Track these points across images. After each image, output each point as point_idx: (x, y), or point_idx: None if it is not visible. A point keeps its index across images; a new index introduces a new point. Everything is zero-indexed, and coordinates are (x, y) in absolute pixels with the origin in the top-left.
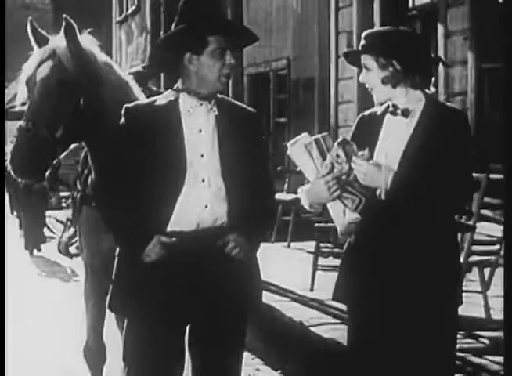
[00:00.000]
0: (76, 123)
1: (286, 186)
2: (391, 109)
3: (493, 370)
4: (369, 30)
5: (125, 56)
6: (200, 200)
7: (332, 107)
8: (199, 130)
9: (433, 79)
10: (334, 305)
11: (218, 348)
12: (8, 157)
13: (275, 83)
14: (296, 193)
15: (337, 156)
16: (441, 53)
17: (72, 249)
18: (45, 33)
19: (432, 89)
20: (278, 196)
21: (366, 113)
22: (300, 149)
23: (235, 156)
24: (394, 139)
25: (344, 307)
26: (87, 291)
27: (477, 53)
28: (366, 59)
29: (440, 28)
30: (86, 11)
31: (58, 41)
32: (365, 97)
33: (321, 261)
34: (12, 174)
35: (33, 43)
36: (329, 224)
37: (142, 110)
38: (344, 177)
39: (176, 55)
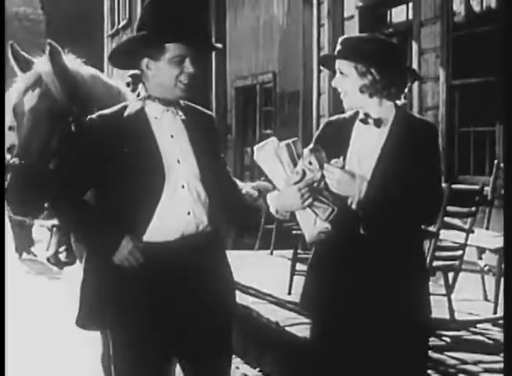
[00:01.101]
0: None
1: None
2: (361, 117)
3: (451, 364)
4: (347, 36)
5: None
6: (182, 207)
7: (314, 120)
8: (170, 136)
9: (406, 91)
10: None
11: (208, 359)
12: (5, 196)
13: (262, 96)
14: None
15: (310, 163)
16: (415, 68)
17: (62, 257)
18: (27, 55)
19: (403, 101)
20: None
21: (333, 118)
22: (268, 154)
23: (209, 159)
24: (366, 148)
25: None
26: None
27: (447, 70)
28: (343, 65)
29: (414, 46)
30: (79, 23)
31: (43, 65)
32: (337, 110)
33: (301, 266)
34: (11, 214)
35: (16, 67)
36: None
37: (107, 121)
38: (315, 185)
39: (135, 59)
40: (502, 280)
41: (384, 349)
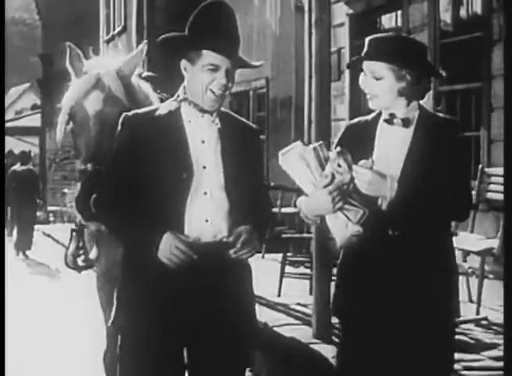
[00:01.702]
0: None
1: None
2: (386, 117)
3: None
4: (377, 35)
5: None
6: (201, 214)
7: (305, 125)
8: (202, 141)
9: (430, 90)
10: (296, 309)
11: (219, 365)
12: (72, 203)
13: (255, 101)
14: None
15: (339, 165)
16: None
17: (79, 261)
18: (83, 58)
19: (425, 100)
20: None
21: (354, 121)
22: (295, 158)
23: (237, 169)
24: (393, 148)
25: (305, 310)
26: (103, 302)
27: None
28: (376, 67)
29: None
30: (75, 28)
31: (101, 67)
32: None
33: (290, 269)
34: (82, 219)
35: (71, 70)
36: (296, 235)
37: (143, 119)
38: (345, 187)
39: (174, 57)
40: (484, 281)
41: (414, 350)
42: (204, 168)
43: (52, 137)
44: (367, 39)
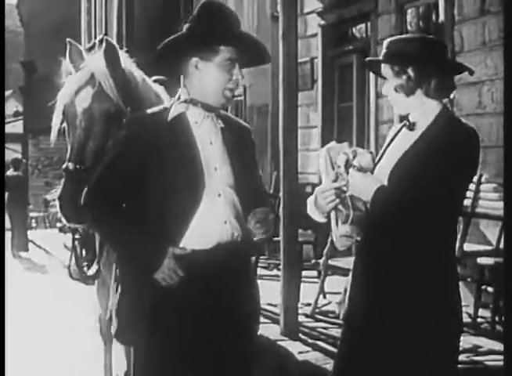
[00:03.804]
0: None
1: None
2: (405, 121)
3: None
4: (390, 39)
5: None
6: (220, 216)
7: (280, 133)
8: (210, 142)
9: (454, 88)
10: (267, 308)
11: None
12: (56, 204)
13: (233, 108)
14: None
15: (338, 166)
16: (372, 84)
17: (88, 270)
18: (82, 48)
19: (445, 100)
20: None
21: (392, 128)
22: (321, 159)
23: (243, 169)
24: (393, 152)
25: (274, 309)
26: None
27: None
28: (385, 68)
29: None
30: (57, 36)
31: (95, 63)
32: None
33: (265, 272)
34: (65, 221)
35: (70, 65)
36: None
37: (151, 121)
38: (344, 188)
39: (183, 57)
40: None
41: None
42: (215, 169)
43: (35, 143)
44: (384, 42)
